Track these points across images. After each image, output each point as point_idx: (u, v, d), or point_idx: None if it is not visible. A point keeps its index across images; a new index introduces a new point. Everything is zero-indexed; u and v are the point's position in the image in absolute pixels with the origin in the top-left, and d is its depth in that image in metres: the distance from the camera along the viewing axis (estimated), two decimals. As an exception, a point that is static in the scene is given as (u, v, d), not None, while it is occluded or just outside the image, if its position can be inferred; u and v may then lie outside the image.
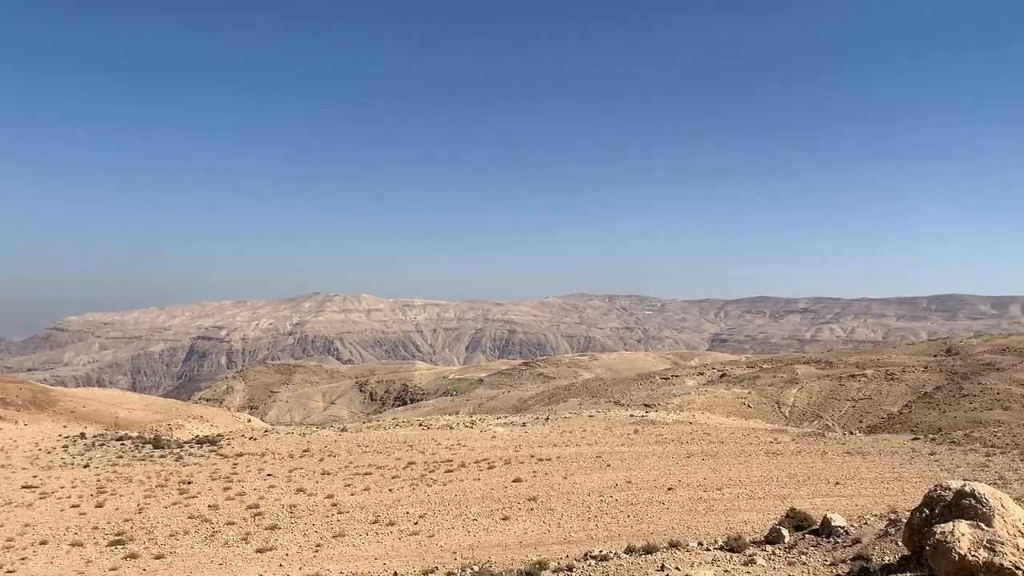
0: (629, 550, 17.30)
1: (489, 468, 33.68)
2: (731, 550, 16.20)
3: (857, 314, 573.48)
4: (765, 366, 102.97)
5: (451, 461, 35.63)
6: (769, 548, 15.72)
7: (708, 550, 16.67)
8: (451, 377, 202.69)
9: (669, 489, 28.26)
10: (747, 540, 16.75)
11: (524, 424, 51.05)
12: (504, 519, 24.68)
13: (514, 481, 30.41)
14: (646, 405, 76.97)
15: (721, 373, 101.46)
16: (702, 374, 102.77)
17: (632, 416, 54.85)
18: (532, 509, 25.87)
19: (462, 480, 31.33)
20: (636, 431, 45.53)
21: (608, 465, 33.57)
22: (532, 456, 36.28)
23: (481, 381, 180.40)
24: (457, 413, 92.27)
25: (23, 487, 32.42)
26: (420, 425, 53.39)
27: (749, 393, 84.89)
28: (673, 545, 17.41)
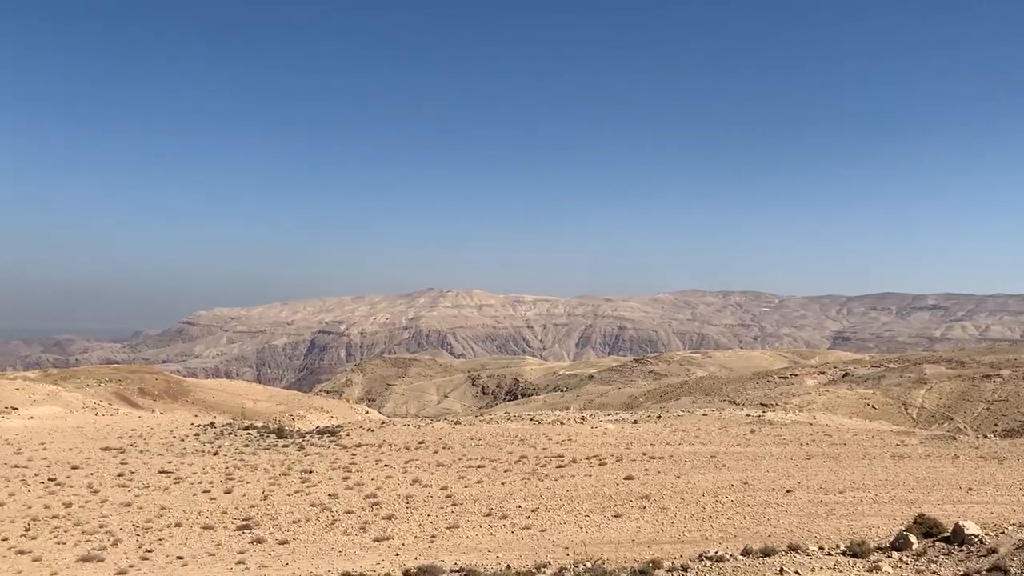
0: (746, 552, 16.90)
1: (600, 465, 33.56)
2: (854, 555, 15.58)
3: (992, 311, 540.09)
4: (891, 365, 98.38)
5: (562, 456, 35.69)
6: (895, 555, 15.04)
7: (829, 555, 16.09)
8: (561, 373, 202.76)
9: (788, 491, 27.43)
10: (871, 546, 16.08)
11: (635, 421, 50.58)
12: (616, 516, 24.55)
13: (626, 478, 30.19)
14: (763, 405, 74.89)
15: (844, 372, 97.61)
16: (823, 373, 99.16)
17: (748, 416, 53.49)
18: (645, 507, 25.63)
19: (573, 476, 31.34)
20: (752, 431, 44.39)
21: (723, 465, 32.88)
22: (644, 454, 35.92)
23: (591, 377, 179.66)
24: (567, 409, 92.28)
25: (160, 472, 34.48)
26: (531, 420, 53.65)
27: (873, 394, 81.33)
28: (792, 548, 16.90)
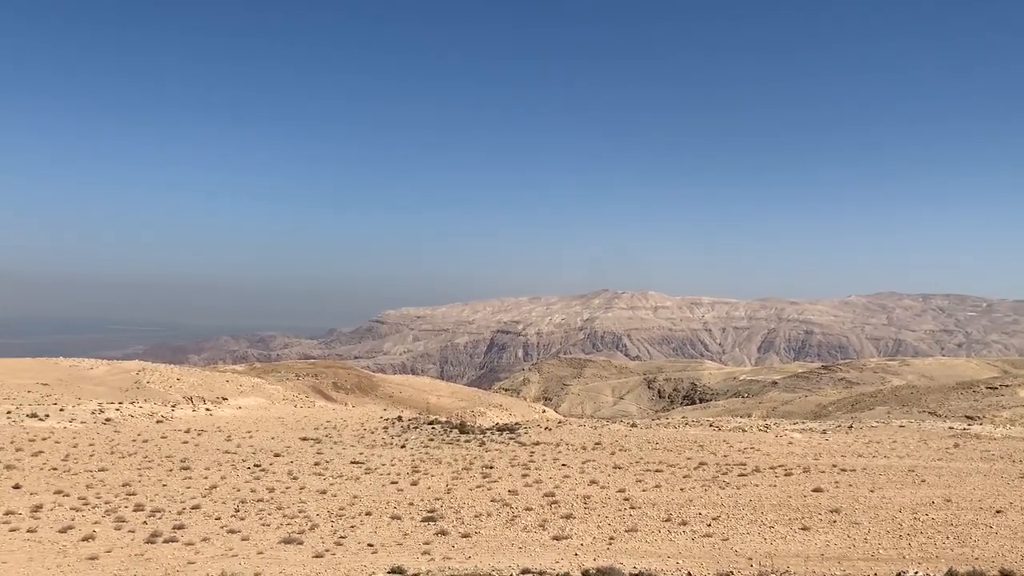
0: (951, 574, 15.66)
1: (786, 475, 32.18)
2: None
3: None
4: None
5: (744, 465, 34.53)
6: None
7: (1050, 586, 14.60)
8: (742, 378, 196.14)
9: (998, 512, 25.13)
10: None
11: (824, 431, 48.11)
12: (803, 529, 23.45)
13: (814, 490, 28.77)
14: (968, 417, 69.09)
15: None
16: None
17: (951, 428, 49.50)
18: (834, 521, 24.32)
19: (757, 485, 30.25)
20: (956, 445, 41.03)
21: (922, 480, 30.61)
22: (833, 465, 34.09)
23: (775, 383, 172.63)
24: (749, 415, 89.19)
25: (352, 462, 36.48)
26: (711, 426, 52.30)
27: (1100, 409, 72.98)
28: (1005, 574, 15.48)
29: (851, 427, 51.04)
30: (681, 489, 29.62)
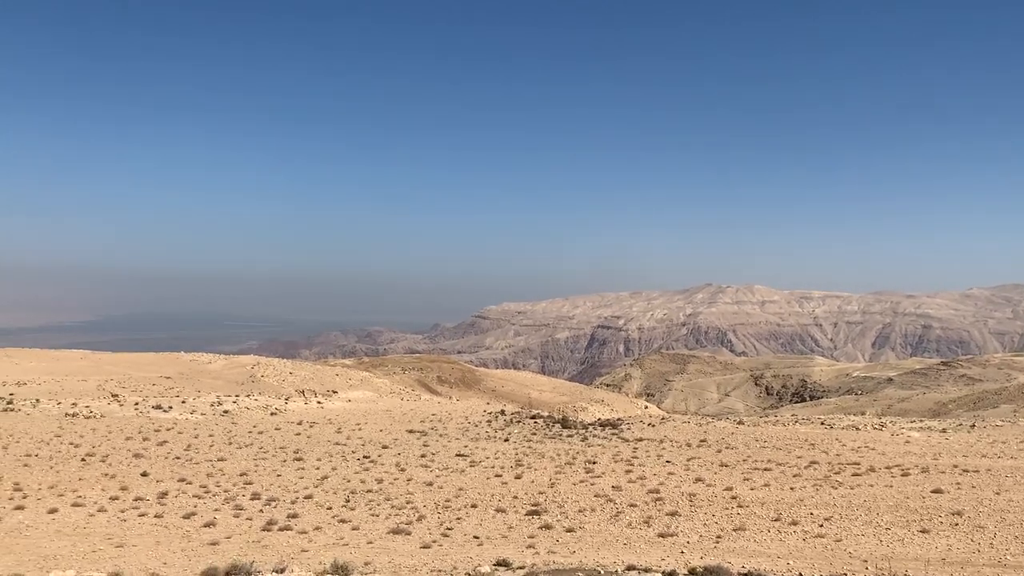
0: (1088, 586, 14.69)
1: (903, 475, 30.85)
2: None
3: None
4: None
5: (858, 464, 33.29)
6: None
7: None
8: (855, 375, 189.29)
9: None
10: None
11: (944, 430, 45.92)
12: (922, 532, 22.43)
13: (933, 492, 27.47)
14: (1105, 417, 64.64)
15: None
16: None
17: (1086, 429, 46.44)
18: (956, 524, 23.16)
19: (871, 485, 29.11)
20: (1092, 447, 38.46)
21: (1054, 484, 28.80)
22: (955, 466, 32.47)
23: (890, 380, 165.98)
24: (863, 413, 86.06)
25: (457, 455, 37.04)
26: (822, 424, 50.69)
27: None
28: None
29: (973, 426, 48.56)
30: (791, 488, 28.80)
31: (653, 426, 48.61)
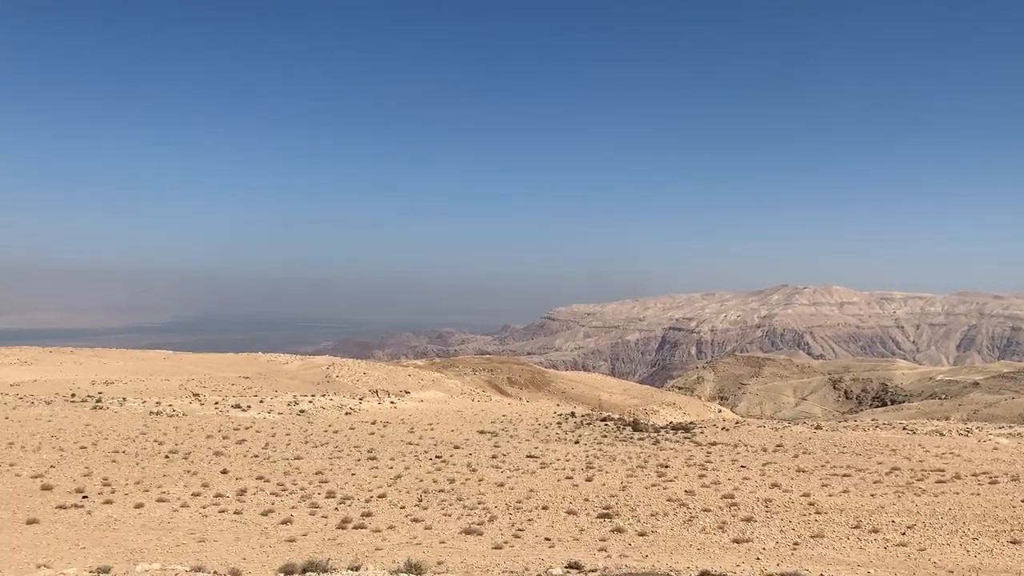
0: None
1: (991, 483, 29.65)
2: None
3: None
4: None
5: (942, 471, 32.13)
6: None
7: None
8: (939, 378, 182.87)
9: None
10: None
11: (1035, 436, 43.95)
12: (1013, 543, 21.50)
13: (1024, 501, 26.33)
14: None
15: None
16: None
17: None
18: (1050, 536, 22.13)
19: (957, 493, 28.04)
20: None
21: None
22: (1049, 474, 31.05)
23: (976, 384, 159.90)
24: (947, 418, 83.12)
25: (527, 456, 37.08)
26: (904, 429, 49.09)
27: None
28: None
29: (1068, 433, 46.33)
30: (871, 495, 27.96)
31: (727, 430, 47.81)
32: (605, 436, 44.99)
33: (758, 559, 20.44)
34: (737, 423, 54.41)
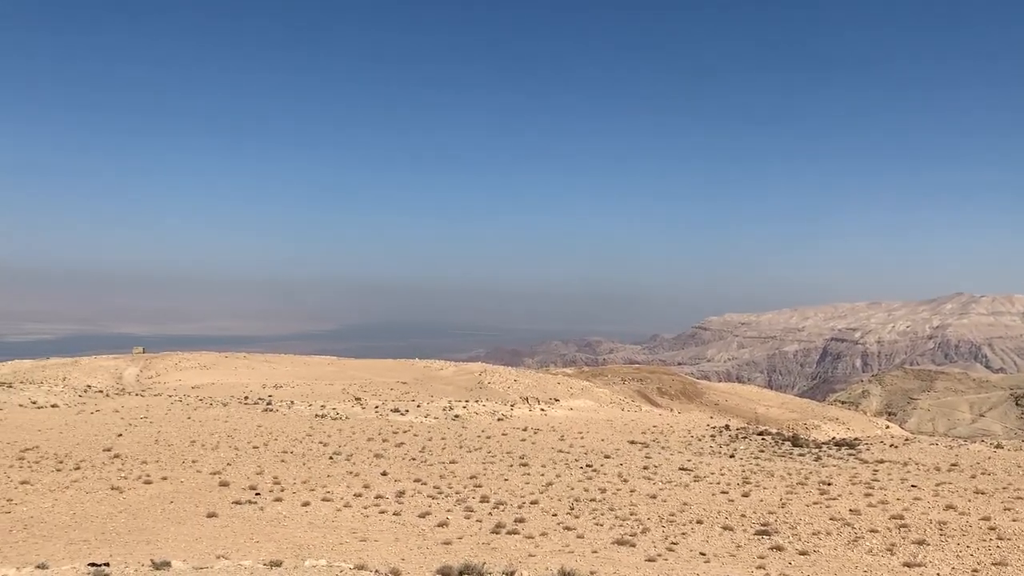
0: None
1: None
2: None
3: None
4: None
5: None
6: None
7: None
8: None
9: None
10: None
11: None
12: None
13: None
14: None
15: None
16: None
17: None
18: None
19: None
20: None
21: None
22: None
23: None
24: None
25: (680, 469, 36.38)
26: (1101, 451, 44.61)
27: None
28: None
29: None
30: (1063, 522, 25.58)
31: (895, 447, 45.09)
32: (762, 451, 43.48)
33: (932, 586, 19.18)
34: (907, 440, 51.21)
